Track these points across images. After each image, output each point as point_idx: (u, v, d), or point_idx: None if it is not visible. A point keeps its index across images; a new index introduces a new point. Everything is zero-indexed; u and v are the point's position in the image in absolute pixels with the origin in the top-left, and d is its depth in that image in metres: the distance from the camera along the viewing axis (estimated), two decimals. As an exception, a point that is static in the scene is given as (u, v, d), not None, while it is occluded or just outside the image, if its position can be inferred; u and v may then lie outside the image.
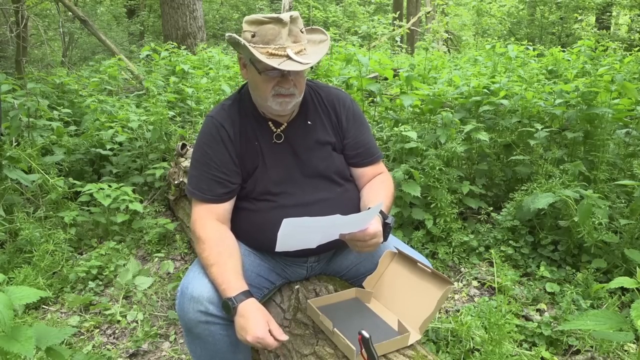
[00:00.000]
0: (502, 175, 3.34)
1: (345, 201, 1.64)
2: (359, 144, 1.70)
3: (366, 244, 1.42)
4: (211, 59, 5.71)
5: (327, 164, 1.63)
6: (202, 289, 1.40)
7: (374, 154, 1.73)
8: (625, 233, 2.55)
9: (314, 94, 1.70)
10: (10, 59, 9.07)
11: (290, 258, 1.65)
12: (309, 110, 1.66)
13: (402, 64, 5.89)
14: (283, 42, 1.42)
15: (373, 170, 1.72)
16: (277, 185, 1.58)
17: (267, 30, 1.42)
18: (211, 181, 1.54)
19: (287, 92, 1.49)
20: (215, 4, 15.35)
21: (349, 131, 1.68)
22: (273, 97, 1.50)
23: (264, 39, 1.42)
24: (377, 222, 1.45)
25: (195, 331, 1.41)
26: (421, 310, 1.44)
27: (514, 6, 13.05)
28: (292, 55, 1.41)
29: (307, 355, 1.39)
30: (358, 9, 15.81)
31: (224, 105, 1.64)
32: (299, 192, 1.58)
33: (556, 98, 3.15)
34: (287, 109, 1.54)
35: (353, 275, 1.73)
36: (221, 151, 1.56)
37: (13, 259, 2.69)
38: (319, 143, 1.64)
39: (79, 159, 3.67)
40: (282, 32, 1.42)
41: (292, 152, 1.61)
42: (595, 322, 1.46)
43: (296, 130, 1.63)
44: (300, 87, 1.53)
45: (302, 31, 1.48)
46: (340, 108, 1.69)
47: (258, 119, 1.61)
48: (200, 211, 1.55)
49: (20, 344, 1.20)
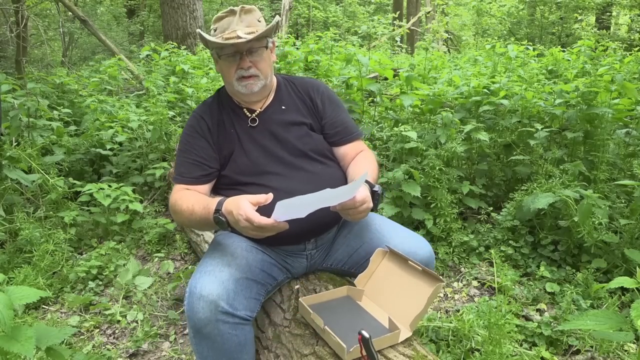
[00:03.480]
0: (502, 175, 3.34)
1: (327, 176, 1.70)
2: (337, 123, 1.79)
3: (357, 211, 1.46)
4: (211, 59, 5.70)
5: (304, 142, 1.71)
6: (212, 287, 1.41)
7: (353, 131, 1.81)
8: (625, 233, 2.55)
9: (288, 83, 1.83)
10: (10, 59, 9.08)
11: (289, 247, 1.67)
12: (283, 97, 1.78)
13: (402, 64, 5.90)
14: (234, 27, 1.61)
15: (354, 147, 1.79)
16: (257, 166, 1.66)
17: (223, 22, 1.64)
18: (190, 165, 1.67)
19: (247, 73, 1.64)
20: (215, 4, 15.35)
21: (326, 112, 1.78)
22: (237, 80, 1.65)
23: (222, 29, 1.64)
24: (365, 189, 1.51)
25: (204, 331, 1.41)
26: (412, 307, 1.45)
27: (514, 6, 13.05)
28: (240, 35, 1.58)
29: (307, 355, 1.40)
30: (358, 9, 15.82)
31: (206, 102, 1.80)
32: (283, 173, 1.65)
33: (556, 98, 3.15)
34: (254, 90, 1.66)
35: (355, 261, 1.75)
36: (200, 139, 1.69)
37: (13, 259, 2.69)
38: (294, 123, 1.73)
39: (79, 159, 3.67)
40: (233, 20, 1.62)
41: (268, 133, 1.70)
42: (595, 322, 1.46)
43: (270, 114, 1.74)
44: (261, 68, 1.66)
45: (259, 21, 1.66)
46: (314, 93, 1.80)
47: (234, 109, 1.74)
48: (178, 192, 1.65)
49: (20, 344, 1.20)
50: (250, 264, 1.53)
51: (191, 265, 2.86)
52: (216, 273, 1.45)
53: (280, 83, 1.81)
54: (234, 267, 1.48)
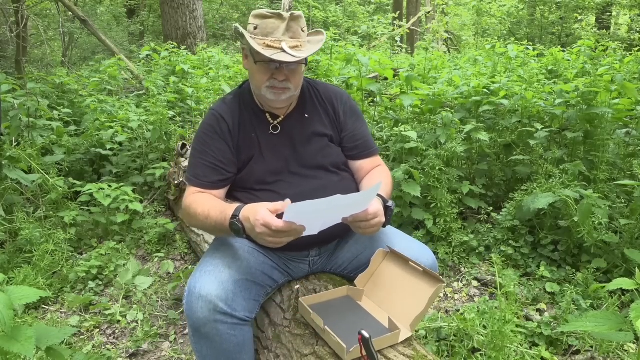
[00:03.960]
0: (502, 175, 3.34)
1: (341, 188, 1.66)
2: (357, 136, 1.75)
3: (369, 224, 1.44)
4: (211, 59, 5.71)
5: (323, 155, 1.68)
6: (211, 287, 1.41)
7: (372, 147, 1.79)
8: (625, 233, 2.55)
9: (312, 89, 1.76)
10: (10, 59, 9.08)
11: (293, 253, 1.66)
12: (307, 105, 1.72)
13: (402, 64, 5.90)
14: (280, 36, 1.51)
15: (371, 162, 1.77)
16: (273, 175, 1.63)
17: (267, 24, 1.52)
18: (208, 168, 1.61)
19: (280, 85, 1.56)
20: (215, 4, 15.35)
21: (347, 124, 1.74)
22: (268, 88, 1.58)
23: (264, 32, 1.52)
24: (377, 202, 1.48)
25: (203, 331, 1.41)
26: (412, 308, 1.45)
27: (514, 6, 13.04)
28: (286, 49, 1.49)
29: (307, 355, 1.39)
30: (358, 9, 15.82)
31: (226, 99, 1.71)
32: (296, 182, 1.63)
33: (556, 98, 3.15)
34: (280, 99, 1.60)
35: (356, 266, 1.74)
36: (220, 141, 1.63)
37: (13, 259, 2.69)
38: (316, 134, 1.69)
39: (79, 159, 3.67)
40: (280, 27, 1.52)
41: (289, 143, 1.66)
42: (595, 323, 1.46)
43: (293, 122, 1.69)
44: (294, 82, 1.59)
45: (303, 30, 1.56)
46: (337, 102, 1.75)
47: (256, 111, 1.68)
48: (193, 194, 1.61)
49: (20, 344, 1.20)
50: (251, 266, 1.52)
51: (191, 265, 2.86)
52: (216, 273, 1.45)
53: (305, 88, 1.74)
54: (234, 268, 1.48)
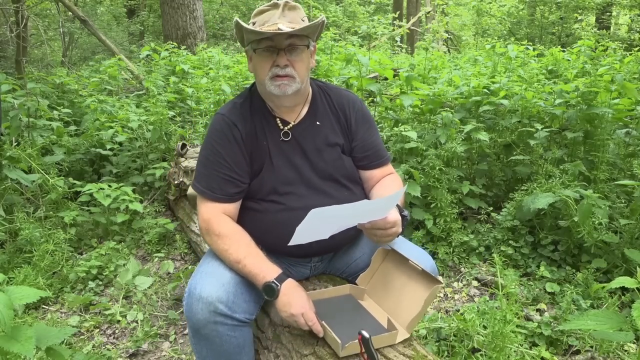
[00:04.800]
0: (502, 175, 3.34)
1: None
2: (368, 146, 1.68)
3: (386, 233, 1.42)
4: (211, 59, 5.71)
5: (336, 166, 1.61)
6: (211, 289, 1.40)
7: (383, 156, 1.72)
8: (625, 233, 2.55)
9: (324, 95, 1.69)
10: (10, 59, 9.07)
11: (295, 259, 1.65)
12: (318, 111, 1.65)
13: (402, 64, 5.89)
14: (276, 20, 1.47)
15: (381, 172, 1.72)
16: (284, 186, 1.56)
17: (264, 15, 1.50)
18: (223, 180, 1.53)
19: (283, 72, 1.48)
20: (215, 4, 15.34)
21: (358, 133, 1.67)
22: (271, 79, 1.50)
23: (261, 22, 1.50)
24: (396, 211, 1.46)
25: (203, 332, 1.41)
26: (410, 309, 1.45)
27: (514, 6, 13.05)
28: (282, 27, 1.44)
29: (307, 355, 1.39)
30: (358, 9, 15.80)
31: (236, 103, 1.62)
32: (306, 194, 1.57)
33: (556, 98, 3.15)
34: (287, 92, 1.51)
35: (353, 271, 1.73)
36: (234, 150, 1.54)
37: (13, 259, 2.69)
38: (328, 144, 1.62)
39: (79, 159, 3.67)
40: (275, 14, 1.48)
41: (300, 151, 1.59)
42: (595, 322, 1.46)
43: (305, 129, 1.61)
44: (298, 69, 1.51)
45: (302, 20, 1.52)
46: (350, 110, 1.67)
47: (266, 116, 1.60)
48: (211, 209, 1.54)
49: (20, 344, 1.20)
50: None
51: (191, 265, 2.86)
52: (217, 275, 1.44)
53: (316, 93, 1.66)
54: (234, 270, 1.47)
